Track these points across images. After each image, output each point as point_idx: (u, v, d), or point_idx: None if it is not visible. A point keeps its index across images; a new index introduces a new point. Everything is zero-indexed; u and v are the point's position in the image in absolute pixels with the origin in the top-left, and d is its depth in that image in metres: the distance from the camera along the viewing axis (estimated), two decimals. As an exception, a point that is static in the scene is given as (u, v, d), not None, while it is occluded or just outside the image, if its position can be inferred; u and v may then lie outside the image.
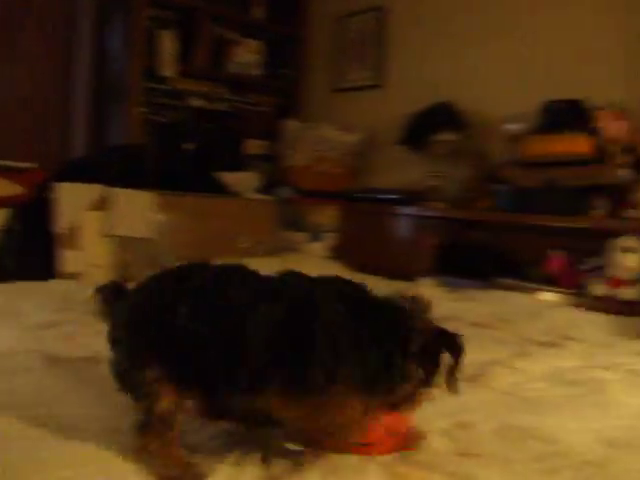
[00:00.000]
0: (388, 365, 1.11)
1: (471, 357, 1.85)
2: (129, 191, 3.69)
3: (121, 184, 3.64)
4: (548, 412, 1.62)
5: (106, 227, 3.61)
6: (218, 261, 1.29)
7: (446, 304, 3.11)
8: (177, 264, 1.29)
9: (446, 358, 1.17)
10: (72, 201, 3.53)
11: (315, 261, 3.86)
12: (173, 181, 3.92)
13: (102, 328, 1.22)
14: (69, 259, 3.52)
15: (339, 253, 4.14)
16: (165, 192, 3.80)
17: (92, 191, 3.58)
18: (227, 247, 4.02)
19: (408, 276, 3.61)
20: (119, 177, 3.67)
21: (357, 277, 3.28)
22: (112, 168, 3.71)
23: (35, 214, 3.50)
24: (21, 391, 1.63)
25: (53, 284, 3.15)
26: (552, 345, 2.40)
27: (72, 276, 3.50)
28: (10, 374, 1.77)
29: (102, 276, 3.58)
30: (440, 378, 1.17)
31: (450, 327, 1.15)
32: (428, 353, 1.15)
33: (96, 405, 1.51)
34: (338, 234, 4.19)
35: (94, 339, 2.14)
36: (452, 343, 1.16)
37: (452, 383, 1.16)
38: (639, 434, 1.50)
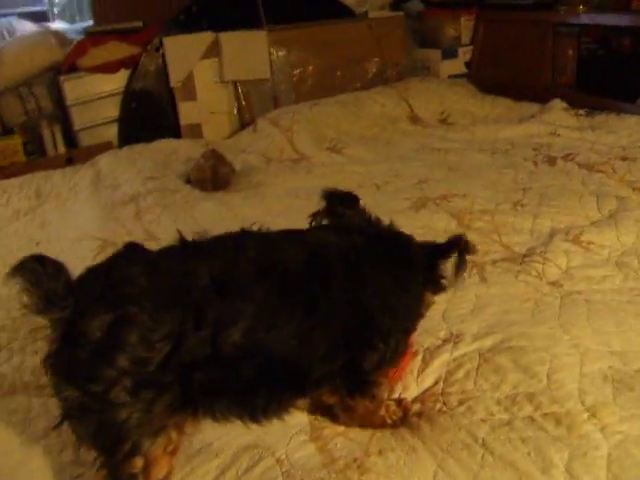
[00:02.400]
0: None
1: (541, 222, 1.77)
2: (240, 33, 3.53)
3: (231, 27, 3.48)
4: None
5: (220, 74, 3.54)
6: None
7: (568, 134, 2.73)
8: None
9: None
10: (184, 53, 3.48)
11: (445, 84, 3.49)
12: (287, 12, 3.66)
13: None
14: (187, 111, 3.55)
15: (473, 70, 3.69)
16: (279, 27, 3.56)
17: (202, 40, 3.49)
18: (354, 76, 3.79)
19: (543, 95, 3.14)
20: (228, 20, 3.51)
21: (488, 99, 3.02)
22: (220, 12, 3.55)
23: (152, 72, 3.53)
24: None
25: (163, 144, 3.20)
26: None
27: (192, 128, 3.55)
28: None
29: (221, 123, 3.61)
30: None
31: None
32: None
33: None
34: (473, 49, 3.70)
35: (158, 223, 2.22)
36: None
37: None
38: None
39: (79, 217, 2.39)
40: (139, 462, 0.91)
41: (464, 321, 1.41)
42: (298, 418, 1.15)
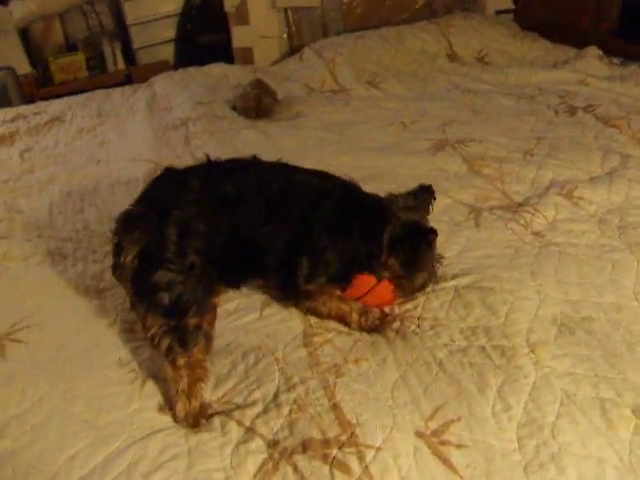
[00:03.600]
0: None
1: (543, 174, 2.03)
2: (293, -40, 3.65)
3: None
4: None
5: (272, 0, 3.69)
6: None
7: (597, 83, 2.84)
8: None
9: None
10: (238, -23, 3.64)
11: (488, 22, 3.57)
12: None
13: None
14: (240, 35, 3.74)
15: (520, 7, 3.75)
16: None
17: (256, -35, 3.62)
18: (402, 6, 3.90)
19: (583, 39, 3.22)
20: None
21: (527, 40, 3.10)
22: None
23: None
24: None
25: (214, 68, 3.41)
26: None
27: (243, 51, 3.74)
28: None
29: (272, 48, 3.79)
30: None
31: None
32: (402, 245, 1.40)
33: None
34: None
35: (203, 149, 2.47)
36: (420, 237, 1.39)
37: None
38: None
39: (135, 138, 2.67)
40: (195, 320, 1.28)
41: (450, 263, 1.64)
42: (295, 327, 1.46)
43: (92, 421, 1.29)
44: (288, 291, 1.47)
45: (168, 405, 1.31)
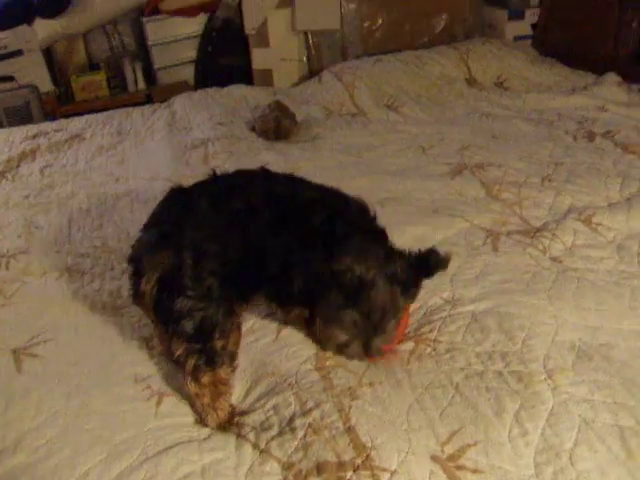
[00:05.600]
0: None
1: (562, 199, 2.04)
2: (313, -16, 3.70)
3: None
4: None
5: (293, 23, 3.74)
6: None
7: (616, 109, 2.86)
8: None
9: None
10: (259, 2, 3.69)
11: (507, 48, 3.58)
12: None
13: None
14: (260, 57, 3.78)
15: (538, 33, 3.77)
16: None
17: (277, -12, 3.68)
18: (421, 31, 3.92)
19: (602, 65, 3.23)
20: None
21: (546, 65, 3.09)
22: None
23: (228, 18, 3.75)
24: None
25: (234, 90, 3.45)
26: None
27: (263, 73, 3.78)
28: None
29: (291, 70, 3.83)
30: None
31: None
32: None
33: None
34: (540, 11, 3.77)
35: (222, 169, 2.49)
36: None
37: None
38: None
39: (154, 157, 2.69)
40: (220, 342, 1.30)
41: (467, 286, 1.64)
42: (306, 350, 1.46)
43: (106, 437, 1.29)
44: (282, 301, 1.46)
45: (197, 416, 1.34)
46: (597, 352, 1.39)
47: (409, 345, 1.46)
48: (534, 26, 3.82)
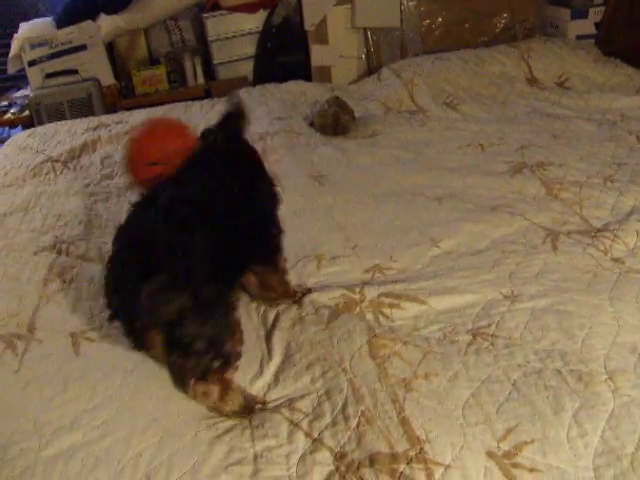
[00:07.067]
0: None
1: (625, 200, 2.00)
2: (374, -19, 3.68)
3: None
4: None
5: (352, 20, 3.73)
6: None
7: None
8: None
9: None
10: (319, -2, 3.69)
11: (569, 47, 3.50)
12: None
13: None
14: (318, 54, 3.79)
15: (602, 33, 3.68)
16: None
17: (338, -15, 3.68)
18: (481, 30, 3.88)
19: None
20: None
21: (609, 65, 3.04)
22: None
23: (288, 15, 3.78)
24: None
25: (293, 86, 3.47)
26: None
27: (322, 70, 3.79)
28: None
29: (350, 67, 3.83)
30: None
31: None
32: None
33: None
34: (604, 10, 3.67)
35: (280, 163, 2.51)
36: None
37: None
38: None
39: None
40: (229, 345, 1.29)
41: (526, 283, 1.61)
42: (359, 338, 1.47)
43: (160, 420, 1.31)
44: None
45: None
46: (660, 355, 1.35)
47: (466, 338, 1.44)
48: (598, 25, 3.73)
